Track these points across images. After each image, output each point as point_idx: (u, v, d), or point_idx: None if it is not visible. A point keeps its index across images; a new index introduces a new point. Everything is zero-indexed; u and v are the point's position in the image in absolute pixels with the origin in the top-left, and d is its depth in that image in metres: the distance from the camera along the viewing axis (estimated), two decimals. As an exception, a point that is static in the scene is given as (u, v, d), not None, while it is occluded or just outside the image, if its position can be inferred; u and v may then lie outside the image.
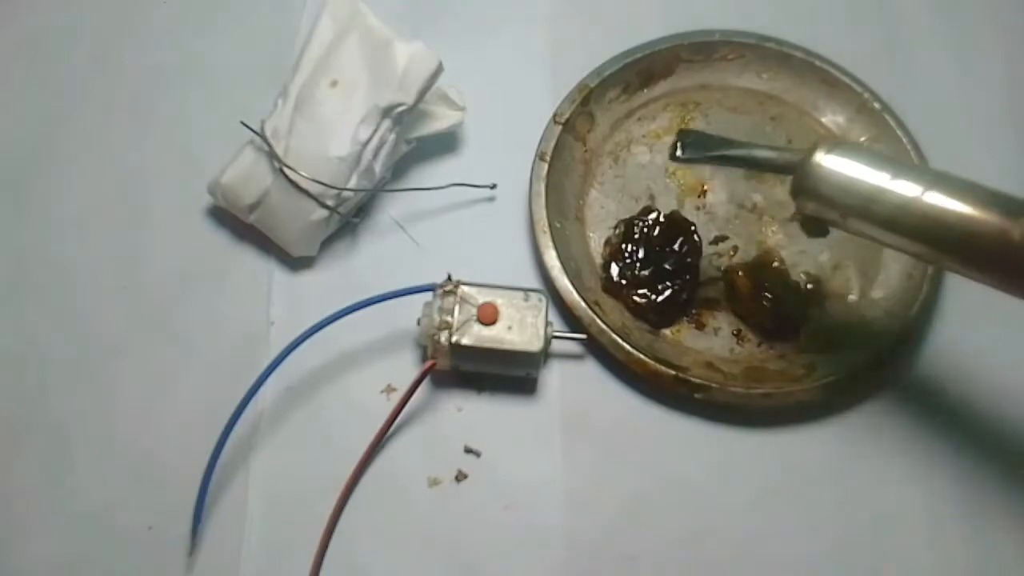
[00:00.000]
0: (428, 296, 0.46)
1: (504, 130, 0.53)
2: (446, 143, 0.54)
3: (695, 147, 0.47)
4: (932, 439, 0.47)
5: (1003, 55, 0.58)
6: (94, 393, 0.47)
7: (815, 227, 0.43)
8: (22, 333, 0.48)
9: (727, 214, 0.52)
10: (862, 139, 0.53)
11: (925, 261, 0.41)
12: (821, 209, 0.41)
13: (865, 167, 0.39)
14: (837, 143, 0.41)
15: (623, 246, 0.49)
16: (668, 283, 0.49)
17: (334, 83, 0.48)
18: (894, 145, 0.52)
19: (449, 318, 0.45)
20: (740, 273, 0.49)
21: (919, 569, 0.45)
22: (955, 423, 0.47)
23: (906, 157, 0.52)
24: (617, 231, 0.50)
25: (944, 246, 0.38)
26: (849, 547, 0.45)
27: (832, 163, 0.40)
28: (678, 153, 0.47)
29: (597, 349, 0.48)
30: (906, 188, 0.38)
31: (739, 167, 0.45)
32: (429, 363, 0.44)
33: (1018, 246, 0.36)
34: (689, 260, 0.49)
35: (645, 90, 0.55)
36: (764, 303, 0.48)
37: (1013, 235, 0.36)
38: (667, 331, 0.49)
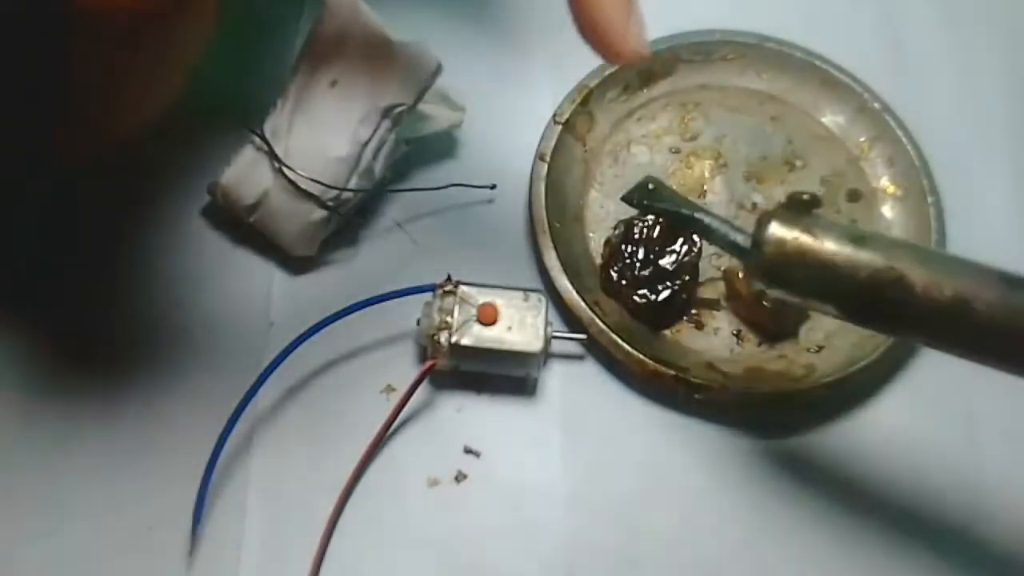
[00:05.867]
0: (428, 296, 0.46)
1: (504, 130, 0.53)
2: (446, 143, 0.53)
3: (651, 197, 0.45)
4: (936, 437, 0.47)
5: (1004, 55, 0.58)
6: (92, 392, 0.47)
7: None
8: (19, 333, 0.48)
9: (727, 214, 0.52)
10: (862, 139, 0.53)
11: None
12: (784, 294, 0.38)
13: (823, 241, 0.36)
14: (784, 215, 0.37)
15: (623, 246, 0.49)
16: (668, 283, 0.49)
17: (334, 83, 0.48)
18: (894, 145, 0.52)
19: (449, 318, 0.44)
20: (740, 273, 0.49)
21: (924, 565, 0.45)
22: (958, 421, 0.47)
23: (906, 157, 0.52)
24: (617, 231, 0.50)
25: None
26: (853, 546, 0.45)
27: (786, 238, 0.36)
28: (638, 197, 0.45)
29: (597, 349, 0.48)
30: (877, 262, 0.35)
31: (688, 227, 0.44)
32: (429, 363, 0.44)
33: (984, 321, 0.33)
34: (689, 260, 0.49)
35: (645, 90, 0.55)
36: (764, 303, 0.48)
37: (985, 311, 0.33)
38: (667, 331, 0.49)
